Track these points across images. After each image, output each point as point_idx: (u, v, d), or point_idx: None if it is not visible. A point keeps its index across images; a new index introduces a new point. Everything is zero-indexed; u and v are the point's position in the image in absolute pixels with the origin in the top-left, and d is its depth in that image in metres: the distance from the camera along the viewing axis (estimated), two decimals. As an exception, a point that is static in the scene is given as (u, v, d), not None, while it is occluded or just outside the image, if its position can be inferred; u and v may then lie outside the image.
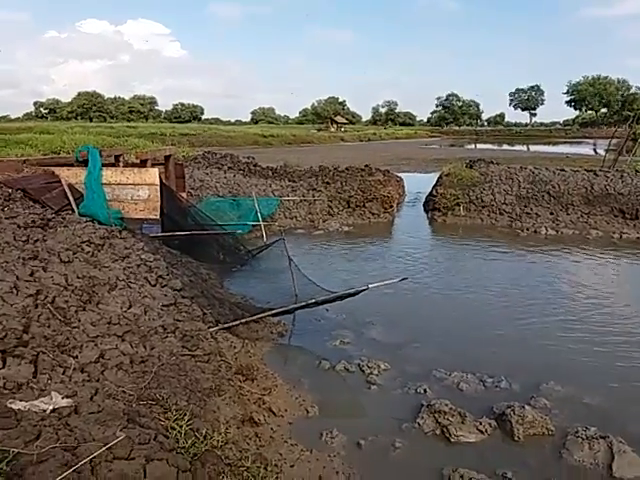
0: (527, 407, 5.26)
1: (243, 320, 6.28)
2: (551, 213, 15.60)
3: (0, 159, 10.66)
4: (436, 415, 5.17)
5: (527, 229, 14.73)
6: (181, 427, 3.74)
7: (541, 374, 6.23)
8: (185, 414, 3.99)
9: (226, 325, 6.11)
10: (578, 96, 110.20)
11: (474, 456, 4.69)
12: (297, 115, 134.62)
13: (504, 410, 5.25)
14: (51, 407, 3.42)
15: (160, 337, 5.33)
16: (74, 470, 2.84)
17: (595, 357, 6.84)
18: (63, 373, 4.08)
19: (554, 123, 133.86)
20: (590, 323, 7.90)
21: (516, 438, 4.96)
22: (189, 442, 3.66)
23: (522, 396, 5.72)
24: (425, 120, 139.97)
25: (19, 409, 3.30)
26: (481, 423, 5.09)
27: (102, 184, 9.60)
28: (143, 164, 10.93)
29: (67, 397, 3.67)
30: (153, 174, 9.82)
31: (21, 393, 3.62)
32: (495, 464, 4.55)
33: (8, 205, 7.88)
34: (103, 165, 10.02)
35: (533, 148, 58.28)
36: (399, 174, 22.76)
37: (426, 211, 17.40)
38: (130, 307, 5.75)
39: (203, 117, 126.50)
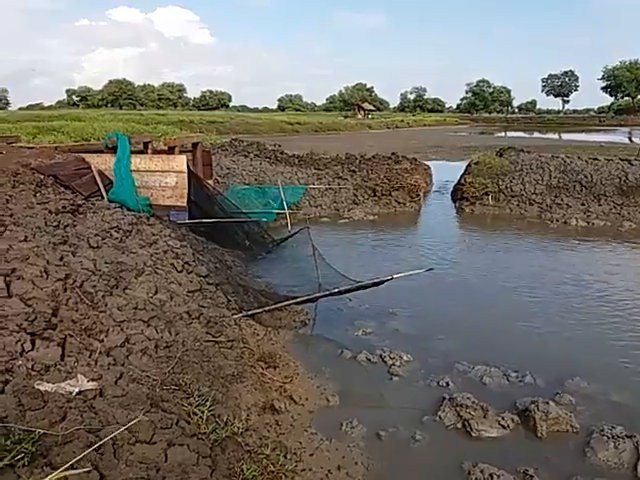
0: (551, 403, 5.17)
1: (267, 308, 6.32)
2: (582, 204, 15.23)
3: (33, 145, 10.92)
4: (458, 408, 5.13)
5: (557, 220, 14.40)
6: (203, 413, 3.80)
7: (567, 370, 6.11)
8: (207, 400, 4.06)
9: (250, 312, 6.16)
10: (614, 82, 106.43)
11: (495, 451, 4.65)
12: (324, 102, 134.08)
13: (527, 405, 5.18)
14: (77, 389, 3.52)
15: (185, 323, 5.42)
16: (97, 452, 2.92)
17: (624, 355, 6.65)
18: (89, 356, 4.18)
19: (588, 110, 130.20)
20: (619, 320, 7.70)
21: (539, 434, 4.88)
22: (210, 428, 3.72)
23: (547, 392, 5.62)
24: (454, 107, 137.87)
25: (46, 390, 3.39)
26: (503, 418, 5.03)
27: (131, 171, 9.73)
28: (171, 151, 11.04)
29: (92, 380, 3.76)
30: (181, 161, 9.91)
31: (48, 375, 3.72)
32: (516, 460, 4.49)
33: (40, 191, 8.06)
34: (132, 152, 10.15)
35: (566, 136, 56.79)
36: (427, 162, 22.50)
37: (454, 200, 17.17)
38: (156, 293, 5.84)
39: (230, 104, 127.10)
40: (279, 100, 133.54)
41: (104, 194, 9.25)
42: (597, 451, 4.65)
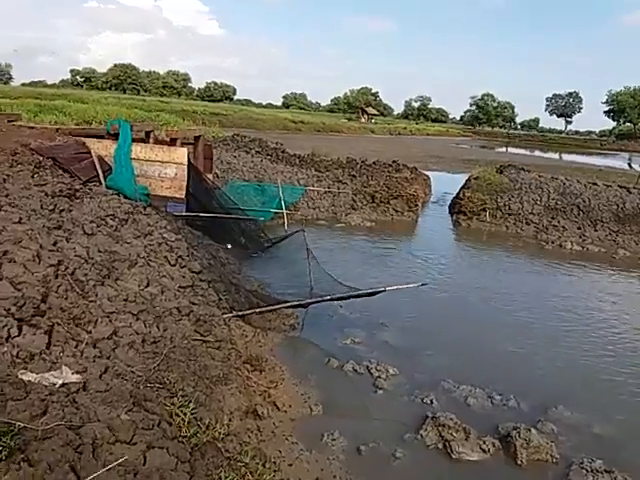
0: (533, 431, 5.17)
1: (257, 310, 6.28)
2: (578, 228, 15.28)
3: (34, 125, 10.79)
4: (440, 428, 5.11)
5: (552, 242, 14.44)
6: (185, 415, 3.77)
7: (551, 396, 6.13)
8: (190, 401, 4.02)
9: (240, 313, 6.12)
10: (617, 106, 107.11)
11: (474, 476, 4.66)
12: (329, 103, 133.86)
13: (509, 431, 5.17)
14: (60, 381, 3.47)
15: (174, 319, 5.37)
16: (76, 450, 2.88)
17: (609, 385, 6.69)
18: (75, 347, 4.13)
19: (590, 132, 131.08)
20: (608, 348, 7.74)
21: (519, 462, 4.88)
22: (191, 431, 3.69)
23: (529, 418, 5.63)
24: (458, 118, 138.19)
25: (29, 380, 3.34)
26: (485, 442, 5.02)
27: (131, 159, 9.65)
28: (173, 142, 10.97)
29: (77, 373, 3.72)
30: (182, 154, 9.83)
31: (33, 364, 3.67)
32: (495, 486, 4.49)
33: (38, 172, 7.97)
34: (133, 140, 10.06)
35: (566, 157, 57.06)
36: (427, 172, 22.53)
37: (451, 213, 17.19)
38: (148, 285, 5.79)
39: (235, 97, 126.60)
40: (284, 97, 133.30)
41: (102, 180, 9.16)
42: (576, 484, 4.65)
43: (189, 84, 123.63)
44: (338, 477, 4.39)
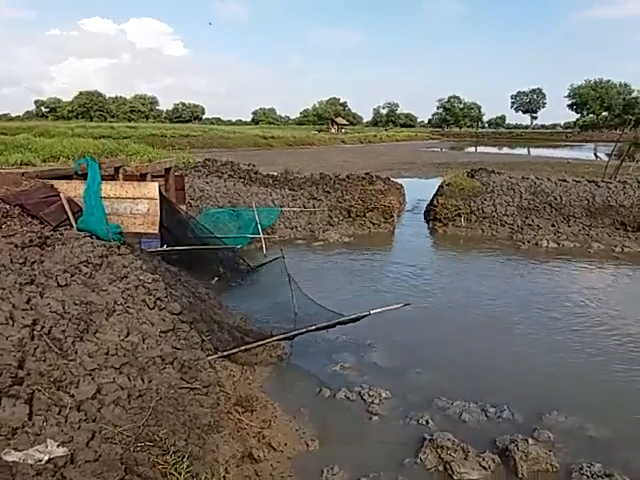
0: (530, 441, 5.17)
1: (242, 348, 6.18)
2: (552, 225, 15.52)
3: (-1, 171, 10.54)
4: (438, 450, 5.08)
5: (528, 241, 14.63)
6: (180, 474, 3.66)
7: (544, 402, 6.14)
8: (184, 456, 3.92)
9: (225, 353, 6.01)
10: (579, 99, 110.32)
11: (477, 496, 4.61)
12: (298, 116, 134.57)
13: (507, 445, 5.17)
14: (46, 457, 3.34)
15: (158, 368, 5.25)
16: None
17: (600, 384, 6.76)
18: (59, 413, 3.99)
19: (555, 125, 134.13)
20: (596, 345, 7.82)
21: (520, 475, 4.88)
22: (188, 490, 3.59)
23: (525, 427, 5.64)
24: (426, 121, 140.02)
25: (14, 461, 3.21)
26: (484, 459, 5.00)
27: (101, 198, 9.50)
28: (143, 177, 10.84)
29: (63, 443, 3.58)
30: (153, 188, 9.72)
31: (16, 439, 3.53)
32: (499, 505, 4.47)
33: (6, 222, 7.78)
34: (102, 178, 9.93)
35: (534, 152, 58.26)
36: (399, 180, 22.72)
37: (427, 221, 17.31)
38: (128, 335, 5.65)
39: (204, 117, 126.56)
40: (253, 113, 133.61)
41: (73, 223, 9.00)
42: (577, 492, 4.65)
43: (157, 107, 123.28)
44: (341, 515, 4.32)
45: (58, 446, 3.47)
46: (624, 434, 5.59)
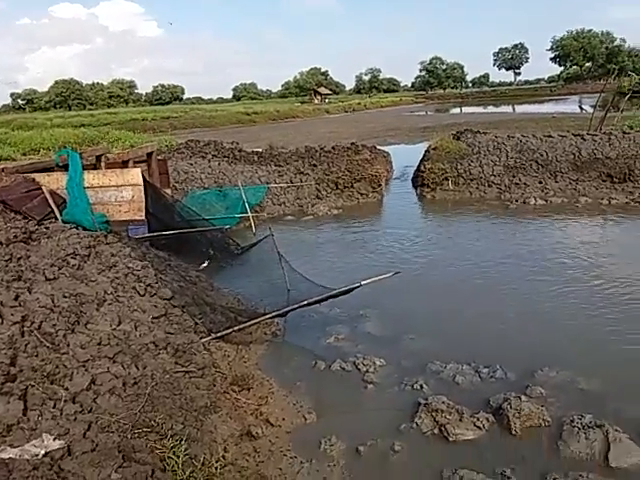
0: (523, 398, 5.26)
1: (236, 328, 6.23)
2: (540, 182, 15.55)
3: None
4: (434, 414, 5.18)
5: (516, 200, 14.67)
6: (178, 457, 3.72)
7: (536, 359, 6.23)
8: (182, 439, 3.98)
9: (219, 334, 6.06)
10: (562, 52, 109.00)
11: (473, 454, 4.72)
12: (280, 89, 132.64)
13: (501, 403, 5.26)
14: (43, 451, 3.39)
15: (152, 354, 5.28)
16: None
17: (590, 335, 6.86)
18: (54, 407, 4.03)
19: (539, 80, 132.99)
20: (586, 301, 7.88)
21: (513, 432, 4.97)
22: (187, 473, 3.65)
23: (518, 385, 5.74)
24: (409, 85, 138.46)
25: (10, 458, 3.25)
26: (478, 419, 5.10)
27: (84, 188, 9.42)
28: (125, 164, 10.72)
29: (59, 436, 3.63)
30: (136, 174, 9.65)
31: (11, 436, 3.57)
32: (494, 462, 4.58)
33: (-12, 220, 7.72)
34: (84, 168, 9.82)
35: (519, 108, 57.90)
36: (386, 147, 22.62)
37: (415, 187, 17.28)
38: (120, 324, 5.68)
39: (184, 97, 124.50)
40: (234, 89, 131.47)
41: (58, 215, 8.94)
42: (569, 444, 4.76)
43: (135, 90, 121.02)
44: (341, 483, 4.42)
45: (54, 439, 3.51)
46: (614, 385, 5.67)
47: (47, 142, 21.34)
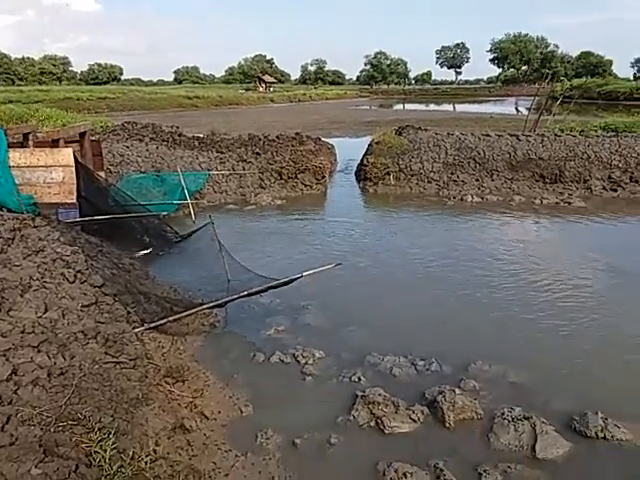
0: (457, 391, 5.39)
1: (171, 318, 6.01)
2: (477, 180, 16.03)
3: None
4: (370, 406, 5.21)
5: (454, 197, 15.05)
6: (105, 451, 3.54)
7: (470, 353, 6.38)
8: (110, 433, 3.79)
9: (153, 325, 5.83)
10: (501, 54, 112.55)
11: (408, 447, 4.78)
12: (223, 74, 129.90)
13: (435, 396, 5.36)
14: (-46, 449, 3.12)
15: (80, 344, 5.01)
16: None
17: (520, 329, 7.11)
18: (-31, 400, 3.74)
19: (478, 80, 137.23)
20: (517, 296, 8.17)
21: (447, 425, 5.07)
22: (115, 467, 3.48)
23: (452, 378, 5.86)
24: (354, 79, 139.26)
25: None
26: (414, 412, 5.17)
27: (10, 167, 8.82)
28: (55, 143, 10.13)
29: (-26, 432, 3.36)
30: (67, 154, 9.13)
31: None
32: (428, 454, 4.65)
33: None
34: (10, 145, 9.20)
35: (459, 107, 59.57)
36: (330, 140, 22.64)
37: (358, 180, 17.38)
38: (46, 311, 5.36)
39: (123, 78, 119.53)
40: (175, 72, 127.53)
41: (-21, 195, 8.33)
42: (499, 436, 4.92)
43: (70, 68, 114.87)
44: (276, 476, 4.36)
45: (-32, 436, 3.25)
46: (543, 379, 5.90)
47: (-30, 117, 19.88)
